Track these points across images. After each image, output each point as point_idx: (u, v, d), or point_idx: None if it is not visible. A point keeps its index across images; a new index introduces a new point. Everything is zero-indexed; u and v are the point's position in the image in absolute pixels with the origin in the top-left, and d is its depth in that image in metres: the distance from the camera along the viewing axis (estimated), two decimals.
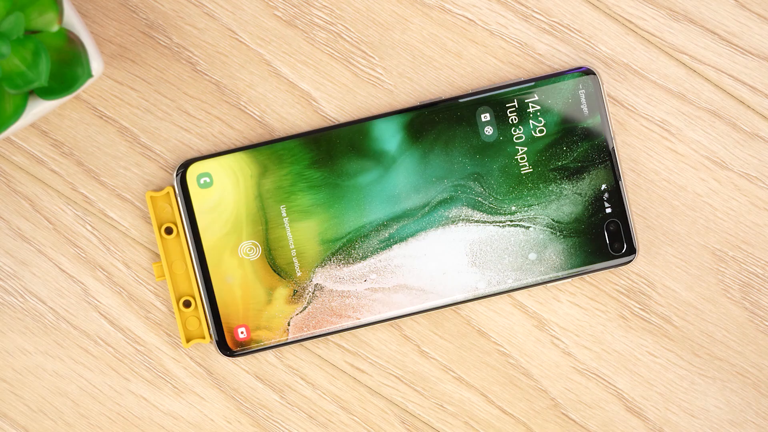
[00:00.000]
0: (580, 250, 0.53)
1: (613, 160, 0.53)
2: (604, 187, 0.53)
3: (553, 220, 0.53)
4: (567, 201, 0.53)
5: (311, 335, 0.53)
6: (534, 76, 0.53)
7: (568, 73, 0.52)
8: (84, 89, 0.52)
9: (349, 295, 0.53)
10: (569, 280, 0.53)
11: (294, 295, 0.53)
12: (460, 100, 0.52)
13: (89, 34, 0.48)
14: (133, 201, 0.53)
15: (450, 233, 0.53)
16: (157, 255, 0.54)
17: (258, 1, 0.53)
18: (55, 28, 0.47)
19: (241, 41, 0.53)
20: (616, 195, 0.53)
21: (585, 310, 0.54)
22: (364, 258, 0.52)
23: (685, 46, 0.53)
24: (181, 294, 0.53)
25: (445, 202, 0.52)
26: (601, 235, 0.53)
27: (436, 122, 0.52)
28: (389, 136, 0.52)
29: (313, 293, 0.53)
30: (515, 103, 0.52)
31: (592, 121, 0.52)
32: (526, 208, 0.53)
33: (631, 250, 0.53)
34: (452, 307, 0.53)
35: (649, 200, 0.54)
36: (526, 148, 0.52)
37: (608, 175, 0.53)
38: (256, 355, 0.54)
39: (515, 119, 0.52)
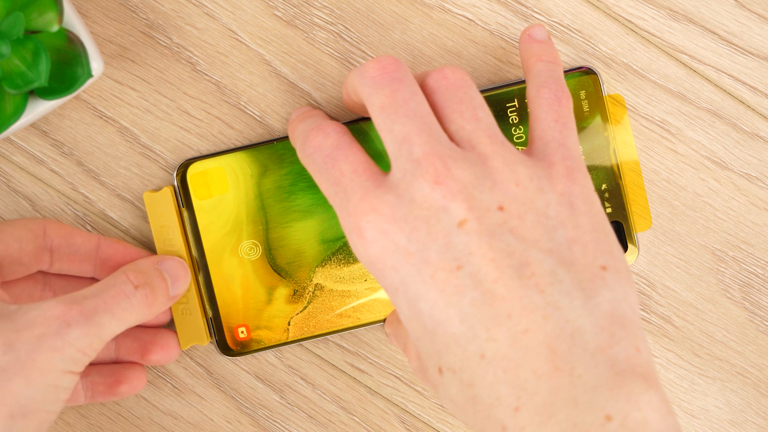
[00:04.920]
0: None
1: (613, 160, 0.53)
2: (604, 187, 0.53)
3: None
4: None
5: (311, 335, 0.53)
6: None
7: (568, 73, 0.52)
8: (84, 89, 0.52)
9: (349, 295, 0.53)
10: None
11: (294, 294, 0.53)
12: None
13: (89, 34, 0.48)
14: (133, 201, 0.53)
15: None
16: None
17: (258, 1, 0.53)
18: (55, 28, 0.47)
19: (241, 41, 0.53)
20: (616, 195, 0.53)
21: None
22: None
23: (685, 46, 0.53)
24: None
25: None
26: None
27: None
28: None
29: (313, 293, 0.53)
30: (515, 103, 0.52)
31: (592, 121, 0.52)
32: None
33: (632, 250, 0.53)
34: None
35: (650, 200, 0.54)
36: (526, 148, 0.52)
37: (608, 175, 0.53)
38: (256, 355, 0.54)
39: (515, 119, 0.52)
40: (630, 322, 0.41)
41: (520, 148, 0.52)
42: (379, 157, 0.52)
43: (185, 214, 0.52)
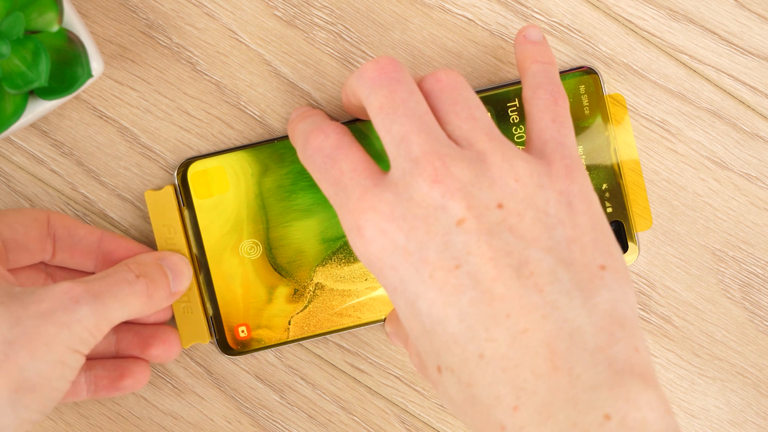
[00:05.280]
0: None
1: (614, 160, 0.53)
2: (604, 186, 0.53)
3: None
4: None
5: (312, 334, 0.53)
6: None
7: (568, 73, 0.52)
8: (84, 89, 0.52)
9: (349, 295, 0.53)
10: None
11: (295, 294, 0.53)
12: None
13: (89, 34, 0.48)
14: (133, 201, 0.53)
15: None
16: None
17: (258, 1, 0.53)
18: (55, 28, 0.47)
19: (241, 41, 0.53)
20: (616, 195, 0.53)
21: None
22: None
23: (685, 46, 0.53)
24: None
25: None
26: None
27: None
28: None
29: (313, 292, 0.53)
30: (516, 103, 0.52)
31: (592, 121, 0.52)
32: None
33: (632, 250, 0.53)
34: None
35: (650, 200, 0.54)
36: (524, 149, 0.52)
37: (609, 174, 0.53)
38: (256, 354, 0.54)
39: (516, 119, 0.52)
40: (629, 322, 0.41)
41: (520, 148, 0.52)
42: (379, 158, 0.52)
43: (186, 213, 0.52)
